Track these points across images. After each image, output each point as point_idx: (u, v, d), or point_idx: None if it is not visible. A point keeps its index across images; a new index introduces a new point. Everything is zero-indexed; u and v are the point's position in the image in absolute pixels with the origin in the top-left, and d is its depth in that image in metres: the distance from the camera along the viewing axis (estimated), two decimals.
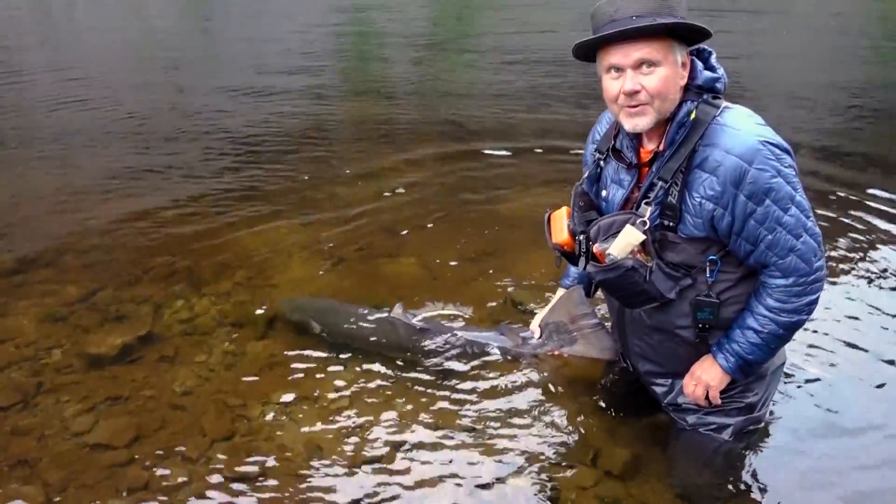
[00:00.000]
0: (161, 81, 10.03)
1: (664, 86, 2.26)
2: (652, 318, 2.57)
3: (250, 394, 3.31)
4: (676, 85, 2.30)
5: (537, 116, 8.06)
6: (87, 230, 5.00)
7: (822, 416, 3.11)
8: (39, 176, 6.18)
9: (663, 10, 2.21)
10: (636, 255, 2.36)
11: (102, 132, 7.41)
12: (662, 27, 2.21)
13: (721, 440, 2.66)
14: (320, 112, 8.35)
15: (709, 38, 2.31)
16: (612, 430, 3.01)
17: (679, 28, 2.24)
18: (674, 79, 2.28)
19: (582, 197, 2.62)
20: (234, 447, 2.99)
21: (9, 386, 3.34)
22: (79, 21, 14.97)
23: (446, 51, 13.12)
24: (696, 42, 2.35)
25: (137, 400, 3.28)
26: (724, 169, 2.24)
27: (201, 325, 3.86)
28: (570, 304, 3.09)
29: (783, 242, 2.27)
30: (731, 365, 2.47)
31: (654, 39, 2.23)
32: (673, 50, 2.26)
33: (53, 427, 3.09)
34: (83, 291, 4.14)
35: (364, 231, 5.01)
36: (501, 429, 3.05)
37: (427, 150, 6.85)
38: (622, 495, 2.71)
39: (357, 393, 3.30)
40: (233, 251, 4.67)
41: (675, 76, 2.28)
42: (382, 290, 4.13)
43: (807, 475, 2.82)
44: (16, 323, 3.83)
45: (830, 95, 9.37)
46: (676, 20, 2.21)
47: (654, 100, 2.27)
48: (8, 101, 8.83)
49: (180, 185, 5.89)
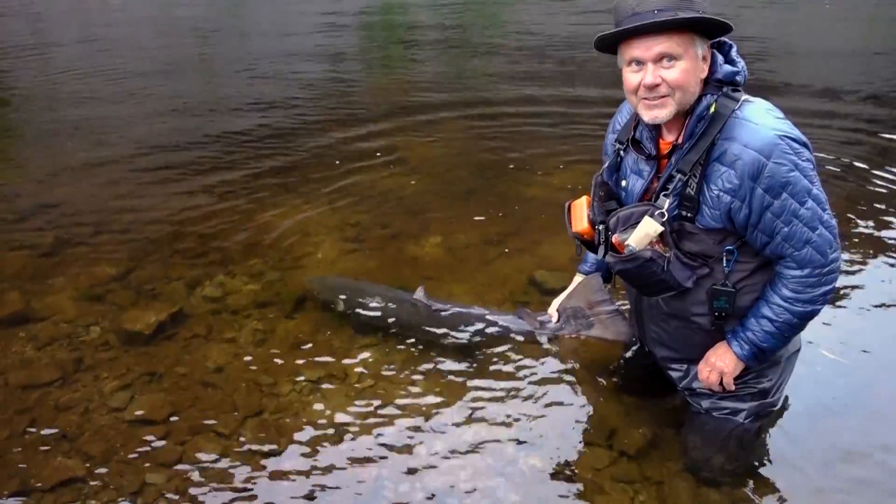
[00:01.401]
0: (193, 64, 10.13)
1: (684, 79, 2.29)
2: (669, 306, 2.64)
3: (279, 372, 3.44)
4: (697, 78, 2.33)
5: (566, 95, 8.04)
6: (120, 210, 5.14)
7: (835, 401, 3.16)
8: (73, 156, 6.32)
9: (684, 5, 2.23)
10: (654, 245, 2.41)
11: (135, 113, 7.53)
12: (684, 22, 2.24)
13: (735, 424, 2.72)
14: (347, 96, 8.41)
15: (730, 33, 2.33)
16: (628, 411, 3.10)
17: (700, 22, 2.27)
18: (694, 72, 2.31)
19: (602, 187, 2.67)
20: (264, 423, 3.12)
21: (50, 362, 3.50)
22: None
23: (473, 29, 13.06)
24: (717, 36, 2.36)
25: (172, 377, 3.42)
26: (742, 163, 2.28)
27: (232, 303, 3.98)
28: (588, 290, 3.15)
29: (799, 235, 2.32)
30: (745, 352, 2.53)
31: (675, 33, 2.26)
32: (694, 44, 2.29)
33: (93, 402, 3.24)
34: (118, 270, 4.29)
35: (389, 213, 5.09)
36: (518, 409, 3.15)
37: (452, 132, 6.89)
38: (637, 476, 2.80)
39: (382, 372, 3.41)
40: (262, 232, 4.79)
41: (695, 69, 2.31)
42: (406, 271, 4.22)
43: (820, 458, 2.88)
44: (55, 301, 3.98)
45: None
46: (697, 14, 2.23)
47: (675, 91, 2.30)
48: (42, 83, 8.98)
49: (211, 167, 6.00)
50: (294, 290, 4.06)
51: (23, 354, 3.57)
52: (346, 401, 3.24)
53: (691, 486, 2.73)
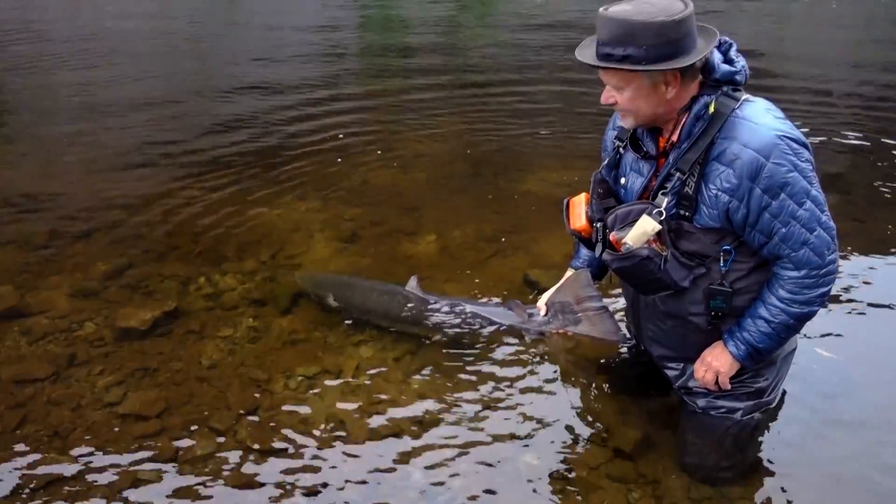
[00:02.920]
0: (187, 62, 10.09)
1: (631, 105, 2.36)
2: (666, 305, 2.64)
3: (274, 368, 3.43)
4: (650, 101, 2.34)
5: (563, 90, 8.05)
6: (115, 207, 5.11)
7: (831, 401, 3.17)
8: (68, 152, 6.29)
9: (626, 40, 2.22)
10: (652, 244, 2.41)
11: (130, 110, 7.49)
12: (610, 68, 2.29)
13: (731, 423, 2.72)
14: (339, 91, 8.39)
15: (687, 57, 2.24)
16: (623, 409, 3.10)
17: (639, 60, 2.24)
18: (643, 98, 2.33)
19: (601, 184, 2.67)
20: (259, 420, 3.11)
21: (44, 358, 3.48)
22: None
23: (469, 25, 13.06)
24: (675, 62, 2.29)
25: (166, 373, 3.40)
26: (740, 162, 2.27)
27: (226, 300, 3.97)
28: (576, 285, 3.15)
29: (797, 236, 2.32)
30: (740, 352, 2.53)
31: (616, 70, 2.30)
32: (637, 77, 2.29)
33: (86, 398, 3.23)
34: (113, 266, 4.26)
35: (384, 210, 5.08)
36: (514, 407, 3.15)
37: (448, 128, 6.90)
38: (632, 474, 2.79)
39: (376, 369, 3.40)
40: (256, 229, 4.77)
41: (644, 97, 2.33)
42: (401, 269, 4.21)
43: (815, 458, 2.89)
44: (49, 296, 3.96)
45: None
46: (634, 52, 2.21)
47: (629, 112, 2.40)
48: (35, 78, 8.93)
49: (206, 164, 5.97)
50: (288, 286, 4.05)
51: (16, 349, 3.55)
52: (340, 398, 3.23)
53: (687, 484, 2.73)
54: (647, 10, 2.21)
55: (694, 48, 2.26)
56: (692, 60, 2.24)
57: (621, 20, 2.22)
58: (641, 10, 2.21)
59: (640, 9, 2.22)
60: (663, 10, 2.21)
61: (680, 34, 2.21)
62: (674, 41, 2.21)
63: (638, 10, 2.22)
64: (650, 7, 2.22)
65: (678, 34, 2.21)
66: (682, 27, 2.21)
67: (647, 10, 2.21)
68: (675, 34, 2.20)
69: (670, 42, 2.20)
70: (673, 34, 2.20)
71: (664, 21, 2.18)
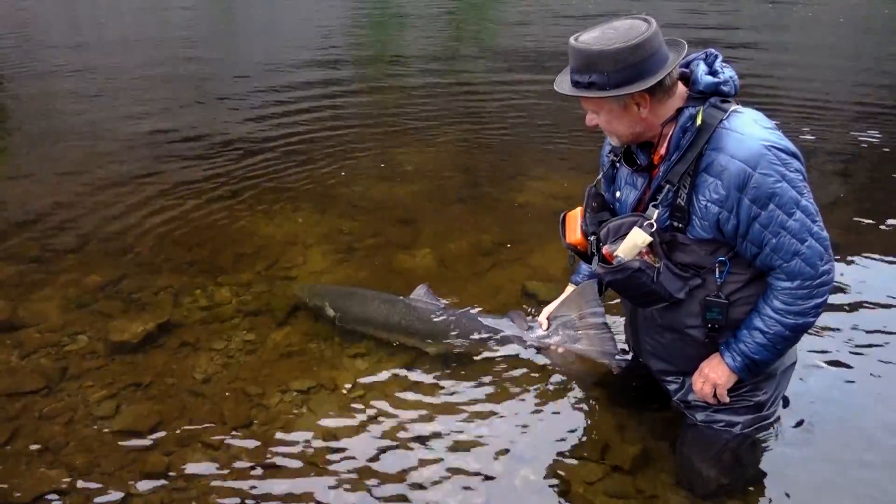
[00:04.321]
0: (182, 74, 10.09)
1: (610, 126, 2.44)
2: (663, 318, 2.62)
3: (268, 382, 3.39)
4: (626, 122, 2.40)
5: (559, 103, 8.04)
6: (109, 219, 5.10)
7: (831, 415, 3.13)
8: (62, 164, 6.28)
9: (589, 68, 2.29)
10: (644, 256, 2.40)
11: (125, 122, 7.49)
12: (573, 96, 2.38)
13: (730, 437, 2.70)
14: (336, 103, 8.39)
15: (652, 77, 2.27)
16: (621, 424, 3.06)
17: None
18: (618, 120, 2.40)
19: (595, 198, 2.67)
20: (253, 435, 3.07)
21: (35, 371, 3.44)
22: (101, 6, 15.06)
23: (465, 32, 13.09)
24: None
25: (159, 386, 3.37)
26: (728, 173, 2.27)
27: (221, 313, 3.94)
28: (581, 299, 3.13)
29: (787, 246, 2.30)
30: (737, 364, 2.51)
31: (586, 97, 2.37)
32: (606, 101, 2.35)
33: (78, 412, 3.19)
34: (106, 279, 4.24)
35: (380, 221, 5.07)
36: (511, 421, 3.11)
37: (444, 140, 6.89)
38: (630, 490, 2.76)
39: (372, 382, 3.37)
40: (251, 242, 4.75)
41: (617, 119, 2.40)
42: (398, 282, 4.19)
43: (815, 473, 2.85)
44: (41, 309, 3.93)
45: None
46: (597, 79, 2.27)
47: (609, 133, 2.49)
48: (31, 91, 8.94)
49: (199, 176, 5.95)
50: (284, 299, 4.02)
51: (7, 362, 3.52)
52: (336, 411, 3.20)
53: (685, 500, 2.69)
54: (608, 37, 2.27)
55: (662, 66, 2.28)
56: (655, 80, 2.27)
57: (582, 49, 2.29)
58: (602, 37, 2.28)
59: (601, 36, 2.29)
60: (622, 35, 2.26)
61: (639, 57, 2.25)
62: (633, 65, 2.25)
63: (598, 38, 2.28)
64: (612, 32, 2.28)
65: (637, 58, 2.25)
66: (640, 50, 2.24)
67: (608, 36, 2.27)
68: (633, 58, 2.24)
69: (630, 66, 2.25)
70: (631, 58, 2.24)
71: (620, 48, 2.23)
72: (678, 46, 2.36)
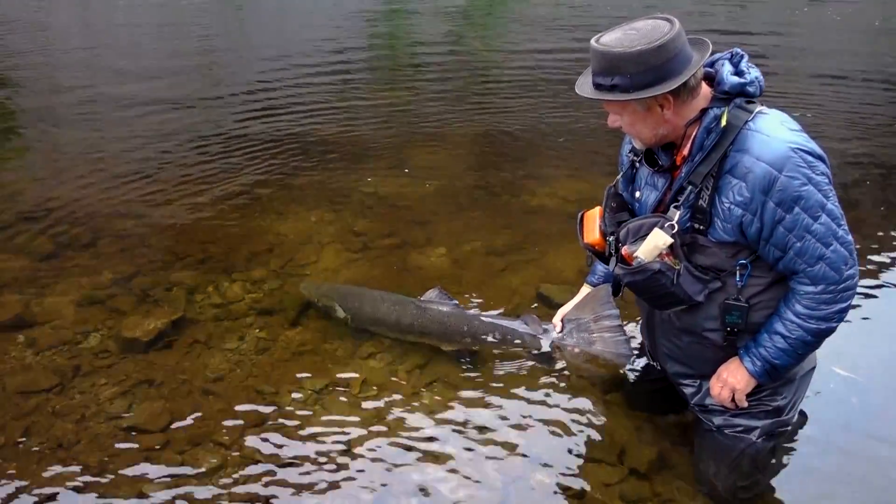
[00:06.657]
0: (194, 68, 10.09)
1: (633, 129, 2.41)
2: (681, 320, 2.58)
3: (281, 381, 3.38)
4: (650, 124, 2.36)
5: (574, 104, 8.01)
6: (122, 215, 5.09)
7: (850, 421, 3.10)
8: (74, 159, 6.28)
9: (611, 70, 2.24)
10: (664, 258, 2.36)
11: (137, 118, 7.49)
12: (598, 100, 2.33)
13: (748, 442, 2.65)
14: (350, 102, 8.36)
15: (676, 78, 2.23)
16: (639, 427, 3.04)
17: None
18: (642, 122, 2.36)
19: (614, 198, 2.63)
20: (265, 433, 3.06)
21: (48, 368, 3.44)
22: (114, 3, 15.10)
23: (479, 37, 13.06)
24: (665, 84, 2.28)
25: (171, 384, 3.36)
26: (753, 175, 2.23)
27: (233, 311, 3.93)
28: (595, 301, 3.10)
29: (812, 250, 2.26)
30: (757, 369, 2.47)
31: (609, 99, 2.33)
32: (629, 104, 2.31)
33: (91, 410, 3.18)
34: (119, 275, 4.23)
35: (394, 221, 5.04)
36: (527, 424, 3.09)
37: (458, 140, 6.86)
38: (647, 494, 2.74)
39: (385, 382, 3.36)
40: (265, 239, 4.73)
41: (641, 121, 2.36)
42: (411, 281, 4.17)
43: (833, 480, 2.82)
44: (54, 305, 3.92)
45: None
46: (620, 81, 2.23)
47: (632, 135, 2.46)
48: (42, 84, 8.96)
49: (213, 173, 5.94)
50: (297, 298, 4.01)
51: (21, 360, 3.51)
52: (348, 411, 3.19)
53: None
54: (630, 38, 2.22)
55: (686, 67, 2.24)
56: (680, 82, 2.23)
57: (603, 51, 2.25)
58: (624, 38, 2.23)
59: (623, 37, 2.24)
60: (645, 36, 2.21)
61: (662, 59, 2.20)
62: (656, 66, 2.20)
63: (621, 40, 2.23)
64: (634, 34, 2.23)
65: (660, 59, 2.20)
66: (663, 52, 2.20)
67: (630, 37, 2.22)
68: (656, 60, 2.20)
69: (653, 68, 2.21)
70: (654, 60, 2.20)
71: (642, 49, 2.19)
72: (702, 46, 2.31)
